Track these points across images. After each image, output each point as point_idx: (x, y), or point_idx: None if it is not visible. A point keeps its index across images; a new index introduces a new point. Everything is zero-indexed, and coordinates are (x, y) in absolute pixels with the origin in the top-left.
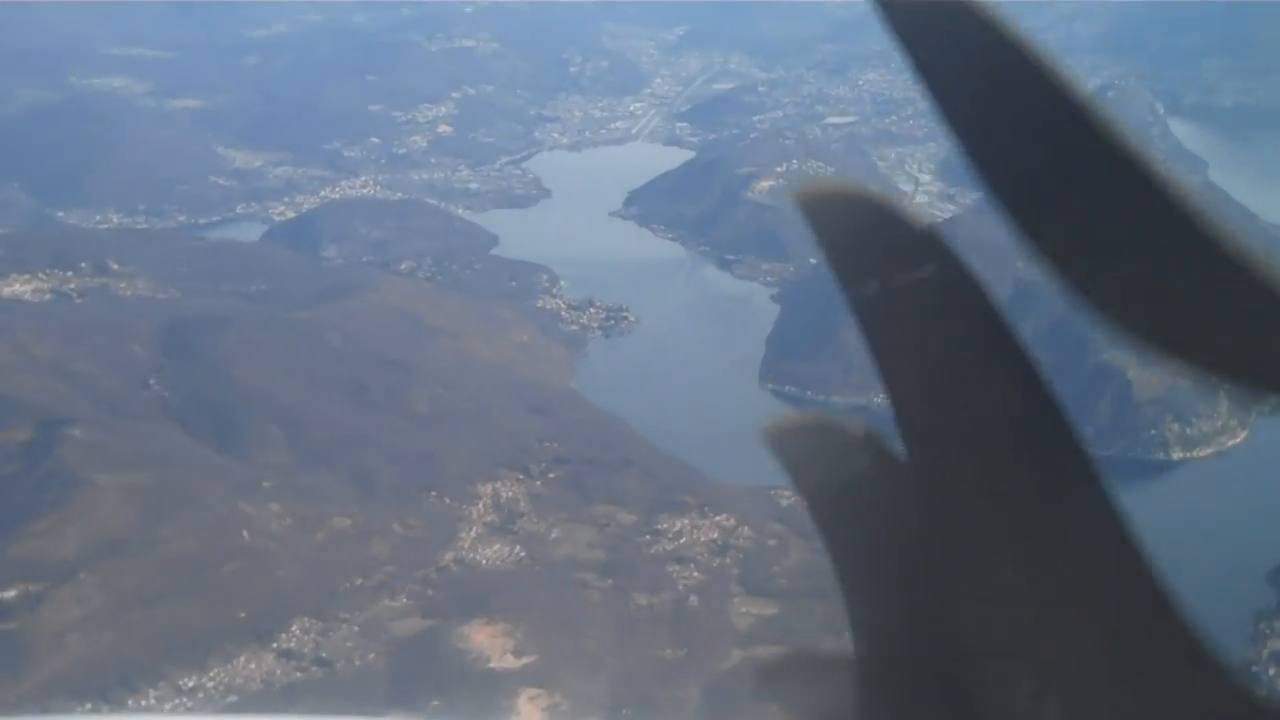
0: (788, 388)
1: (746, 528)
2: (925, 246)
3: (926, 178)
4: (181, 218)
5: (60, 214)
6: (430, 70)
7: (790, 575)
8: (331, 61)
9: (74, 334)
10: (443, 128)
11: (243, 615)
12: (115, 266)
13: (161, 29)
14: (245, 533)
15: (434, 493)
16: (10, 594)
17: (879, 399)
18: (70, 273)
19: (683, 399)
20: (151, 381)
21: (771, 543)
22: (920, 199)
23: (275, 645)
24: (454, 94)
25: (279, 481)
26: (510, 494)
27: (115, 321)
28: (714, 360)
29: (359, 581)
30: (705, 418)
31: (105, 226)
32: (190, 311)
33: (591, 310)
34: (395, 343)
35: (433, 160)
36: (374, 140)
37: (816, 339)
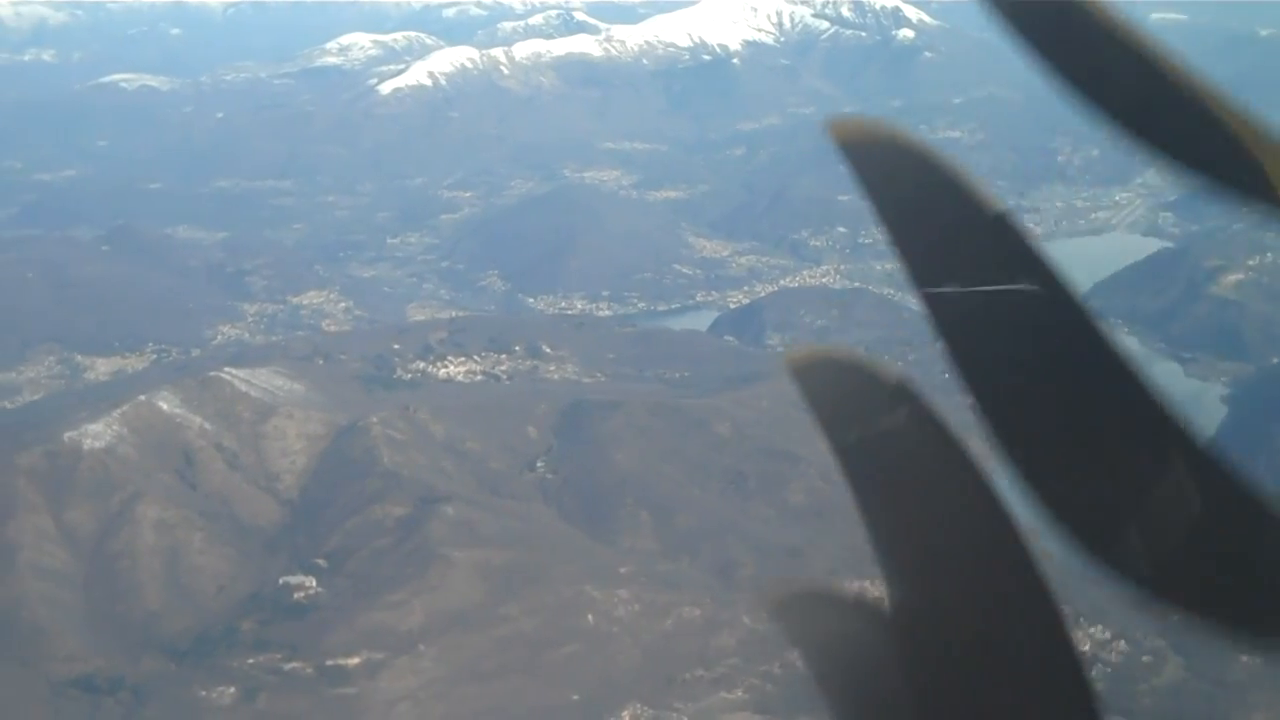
0: None
1: (1123, 641)
2: (895, 397)
3: None
4: (641, 304)
5: (530, 300)
6: None
7: (1157, 695)
8: (810, 152)
9: (480, 415)
10: None
11: (575, 697)
12: (548, 350)
13: (659, 125)
14: (590, 616)
15: None
16: (354, 661)
17: None
18: (504, 355)
19: None
20: (539, 463)
21: (1146, 659)
22: None
23: None
24: None
25: (637, 567)
26: (877, 593)
27: (524, 404)
28: None
29: (699, 672)
30: None
31: (570, 312)
32: (593, 395)
33: None
34: (785, 432)
35: None
36: (840, 230)
37: (1266, 445)
